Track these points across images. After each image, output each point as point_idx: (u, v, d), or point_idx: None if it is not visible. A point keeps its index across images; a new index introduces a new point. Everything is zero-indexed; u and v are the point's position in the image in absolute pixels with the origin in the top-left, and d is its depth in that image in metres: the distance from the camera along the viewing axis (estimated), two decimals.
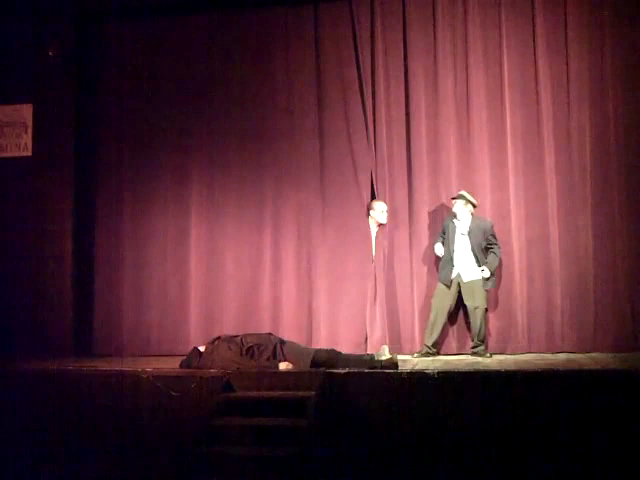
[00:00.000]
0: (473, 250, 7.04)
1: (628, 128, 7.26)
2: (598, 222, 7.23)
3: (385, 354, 5.97)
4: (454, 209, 7.13)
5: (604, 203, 7.24)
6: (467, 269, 7.04)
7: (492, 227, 7.10)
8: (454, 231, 7.11)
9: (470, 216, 7.11)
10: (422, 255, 7.51)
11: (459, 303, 7.17)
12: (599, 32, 7.38)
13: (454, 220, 7.15)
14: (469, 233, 7.07)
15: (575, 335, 7.15)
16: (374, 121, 7.64)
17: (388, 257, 7.54)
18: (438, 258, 7.25)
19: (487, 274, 6.97)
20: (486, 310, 7.02)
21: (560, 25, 7.42)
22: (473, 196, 7.17)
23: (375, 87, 7.67)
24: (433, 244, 7.29)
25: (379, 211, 7.35)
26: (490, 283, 7.04)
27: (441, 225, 7.32)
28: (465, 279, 7.02)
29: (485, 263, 7.00)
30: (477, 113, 7.51)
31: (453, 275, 7.05)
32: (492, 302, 7.28)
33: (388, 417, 5.52)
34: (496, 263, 7.06)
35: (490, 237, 7.07)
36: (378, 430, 5.53)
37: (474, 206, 7.14)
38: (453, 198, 7.17)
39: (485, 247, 7.05)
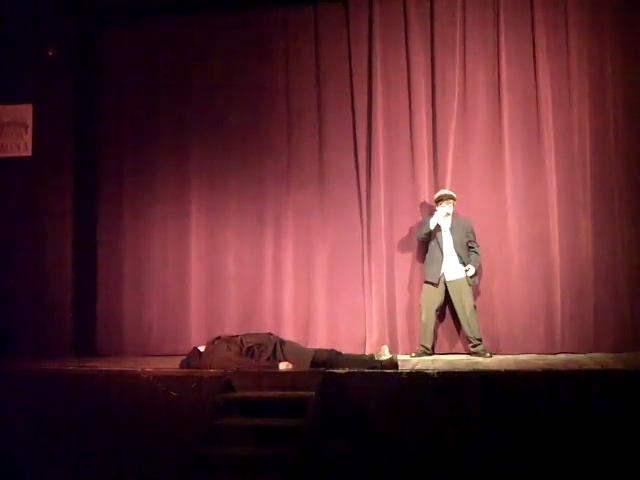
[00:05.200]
0: (455, 247, 7.07)
1: (628, 128, 7.25)
2: (598, 222, 7.22)
3: (385, 354, 5.96)
4: (446, 210, 7.08)
5: (604, 203, 7.23)
6: (451, 267, 7.07)
7: (472, 225, 7.14)
8: (438, 229, 7.13)
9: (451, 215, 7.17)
10: (422, 255, 7.49)
11: (449, 301, 7.16)
12: (599, 32, 7.37)
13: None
14: (451, 230, 7.10)
15: (575, 335, 7.14)
16: (374, 120, 7.63)
17: (388, 257, 7.55)
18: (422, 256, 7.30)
19: (472, 272, 7.01)
20: (475, 307, 7.02)
21: (560, 25, 7.42)
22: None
23: (375, 87, 7.66)
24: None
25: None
26: (476, 279, 7.10)
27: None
28: (449, 278, 7.05)
29: (469, 261, 7.04)
30: (477, 112, 7.50)
31: (440, 273, 7.07)
32: (492, 302, 7.29)
33: (388, 417, 5.52)
34: (479, 261, 7.11)
35: (470, 235, 7.11)
36: (378, 430, 5.52)
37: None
38: (441, 199, 7.10)
39: (467, 246, 7.09)
